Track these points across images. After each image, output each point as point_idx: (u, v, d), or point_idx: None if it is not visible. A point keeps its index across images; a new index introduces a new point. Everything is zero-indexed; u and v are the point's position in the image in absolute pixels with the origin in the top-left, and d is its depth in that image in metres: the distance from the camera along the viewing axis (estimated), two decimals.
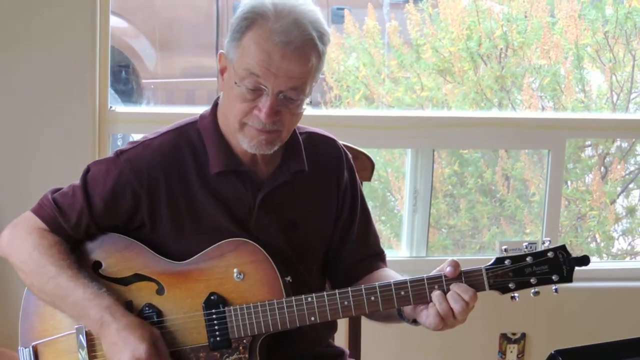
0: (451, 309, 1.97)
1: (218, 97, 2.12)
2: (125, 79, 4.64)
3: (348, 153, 2.25)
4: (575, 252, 4.26)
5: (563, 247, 2.02)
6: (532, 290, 2.01)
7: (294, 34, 1.93)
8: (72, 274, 1.99)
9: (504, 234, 4.25)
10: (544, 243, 2.03)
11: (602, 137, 4.19)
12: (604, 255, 4.39)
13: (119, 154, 2.08)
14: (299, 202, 2.14)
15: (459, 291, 1.97)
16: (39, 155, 3.03)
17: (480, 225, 4.33)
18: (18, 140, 3.03)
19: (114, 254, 2.07)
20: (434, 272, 2.02)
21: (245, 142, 2.01)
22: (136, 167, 2.05)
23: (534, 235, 4.11)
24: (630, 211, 4.40)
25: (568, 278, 2.01)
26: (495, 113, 4.06)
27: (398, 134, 3.38)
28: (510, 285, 2.00)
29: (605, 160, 4.37)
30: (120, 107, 3.28)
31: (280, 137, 2.03)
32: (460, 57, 4.09)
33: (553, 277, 2.00)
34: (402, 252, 3.51)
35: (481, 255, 4.13)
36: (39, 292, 2.04)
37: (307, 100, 2.01)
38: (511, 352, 3.47)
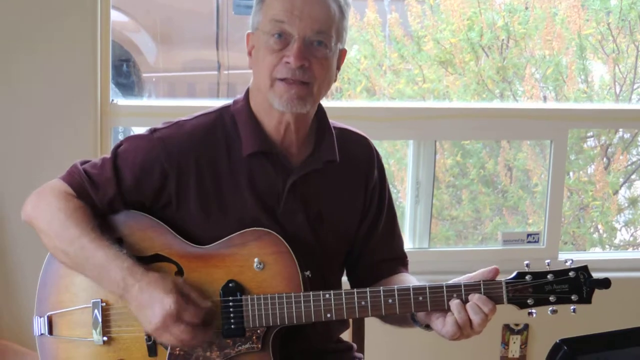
0: (470, 319, 1.98)
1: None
2: (126, 72, 4.64)
3: (379, 153, 2.26)
4: (578, 243, 4.28)
5: (585, 268, 2.03)
6: (550, 309, 2.01)
7: None
8: (95, 236, 1.99)
9: (507, 225, 4.25)
10: (566, 262, 2.03)
11: (604, 128, 4.19)
12: (607, 246, 4.39)
13: (153, 131, 2.10)
14: (328, 194, 2.15)
15: (479, 303, 1.98)
16: (41, 149, 3.03)
17: (483, 216, 4.34)
18: (21, 133, 3.03)
19: (137, 232, 2.07)
20: (454, 281, 2.02)
21: (276, 100, 2.02)
22: (168, 145, 2.06)
23: (537, 225, 4.11)
24: (633, 202, 4.40)
25: (587, 299, 2.02)
26: (496, 104, 4.06)
27: (400, 125, 3.37)
28: (529, 301, 2.01)
29: (608, 151, 4.37)
30: (121, 101, 3.27)
31: (312, 93, 2.04)
32: (462, 48, 4.09)
33: (572, 297, 2.01)
34: (404, 244, 3.50)
35: (484, 246, 4.13)
36: (62, 254, 2.03)
37: (334, 48, 2.03)
38: (514, 343, 3.48)
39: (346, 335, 2.35)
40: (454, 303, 1.98)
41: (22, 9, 2.96)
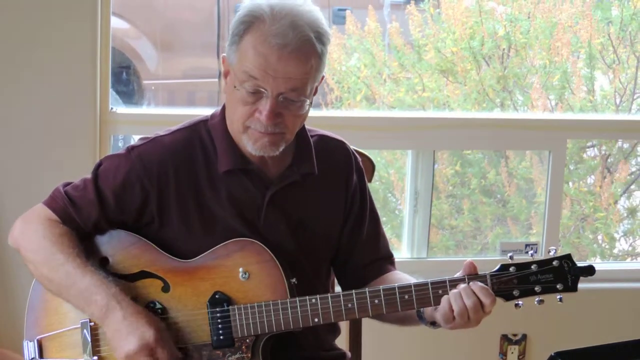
0: (465, 305, 1.96)
1: None
2: (126, 80, 4.64)
3: (358, 156, 2.26)
4: (580, 253, 4.27)
5: (568, 256, 2.02)
6: (537, 299, 2.01)
7: (290, 36, 1.94)
8: (81, 262, 2.00)
9: (509, 235, 4.24)
10: (549, 252, 2.03)
11: (603, 138, 4.19)
12: (606, 256, 4.38)
13: (131, 149, 2.10)
14: (308, 203, 2.15)
15: (473, 288, 1.97)
16: (40, 156, 3.04)
17: (483, 226, 4.33)
18: (20, 141, 3.03)
19: (121, 250, 2.08)
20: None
21: (249, 145, 2.03)
22: (146, 162, 2.06)
23: (540, 236, 4.11)
24: (632, 212, 4.39)
25: (573, 287, 2.01)
26: (495, 114, 4.06)
27: (398, 135, 3.38)
28: (514, 292, 2.00)
29: (608, 161, 4.37)
30: (121, 109, 3.28)
31: (285, 139, 2.04)
32: (463, 57, 4.09)
33: (558, 286, 2.00)
34: (402, 253, 3.50)
35: (482, 256, 4.12)
36: (47, 281, 2.05)
37: (307, 101, 2.02)
38: (512, 353, 3.47)
39: (343, 344, 2.35)
40: (452, 292, 1.97)
41: (22, 14, 2.96)
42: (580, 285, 2.04)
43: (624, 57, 4.23)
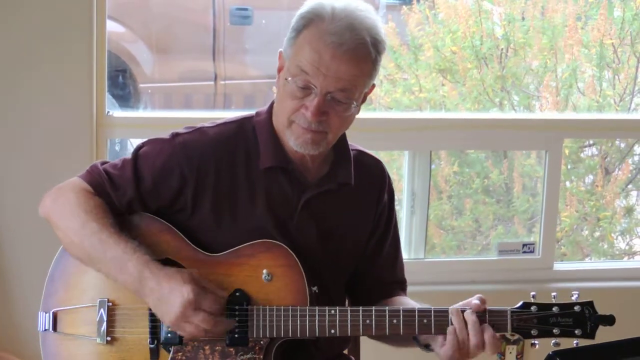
0: (468, 338, 1.99)
1: None
2: (122, 83, 4.64)
3: (391, 177, 2.29)
4: (583, 253, 4.26)
5: (590, 303, 2.03)
6: (553, 341, 2.02)
7: (347, 37, 1.96)
8: (114, 231, 2.01)
9: (510, 234, 4.23)
10: (572, 295, 2.04)
11: (600, 138, 4.19)
12: (605, 255, 4.38)
13: (175, 135, 2.11)
14: (340, 213, 2.17)
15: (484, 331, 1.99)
16: (36, 160, 3.04)
17: (483, 226, 4.33)
18: (17, 144, 3.04)
19: (148, 236, 2.09)
20: (459, 304, 2.04)
21: (292, 140, 2.04)
22: (189, 151, 2.08)
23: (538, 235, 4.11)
24: (629, 211, 4.39)
25: (591, 335, 2.02)
26: (491, 114, 4.06)
27: (395, 136, 3.38)
28: (532, 331, 2.02)
29: (606, 161, 4.37)
30: (117, 112, 3.28)
31: (327, 139, 2.06)
32: (463, 56, 4.09)
33: (576, 332, 2.01)
34: None
35: (479, 257, 4.12)
36: (78, 249, 2.04)
37: (354, 104, 2.03)
38: (510, 352, 3.47)
39: None
40: (456, 321, 2.00)
41: (18, 19, 2.96)
42: (577, 285, 2.04)
43: (624, 57, 4.23)
